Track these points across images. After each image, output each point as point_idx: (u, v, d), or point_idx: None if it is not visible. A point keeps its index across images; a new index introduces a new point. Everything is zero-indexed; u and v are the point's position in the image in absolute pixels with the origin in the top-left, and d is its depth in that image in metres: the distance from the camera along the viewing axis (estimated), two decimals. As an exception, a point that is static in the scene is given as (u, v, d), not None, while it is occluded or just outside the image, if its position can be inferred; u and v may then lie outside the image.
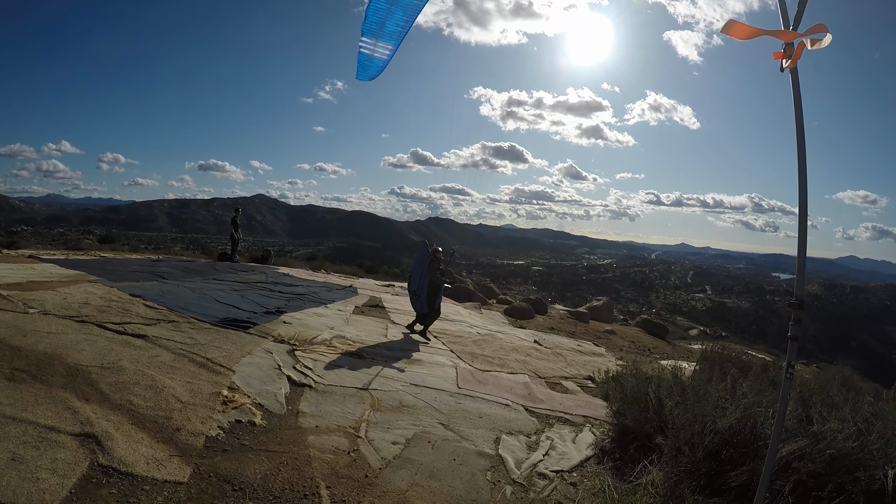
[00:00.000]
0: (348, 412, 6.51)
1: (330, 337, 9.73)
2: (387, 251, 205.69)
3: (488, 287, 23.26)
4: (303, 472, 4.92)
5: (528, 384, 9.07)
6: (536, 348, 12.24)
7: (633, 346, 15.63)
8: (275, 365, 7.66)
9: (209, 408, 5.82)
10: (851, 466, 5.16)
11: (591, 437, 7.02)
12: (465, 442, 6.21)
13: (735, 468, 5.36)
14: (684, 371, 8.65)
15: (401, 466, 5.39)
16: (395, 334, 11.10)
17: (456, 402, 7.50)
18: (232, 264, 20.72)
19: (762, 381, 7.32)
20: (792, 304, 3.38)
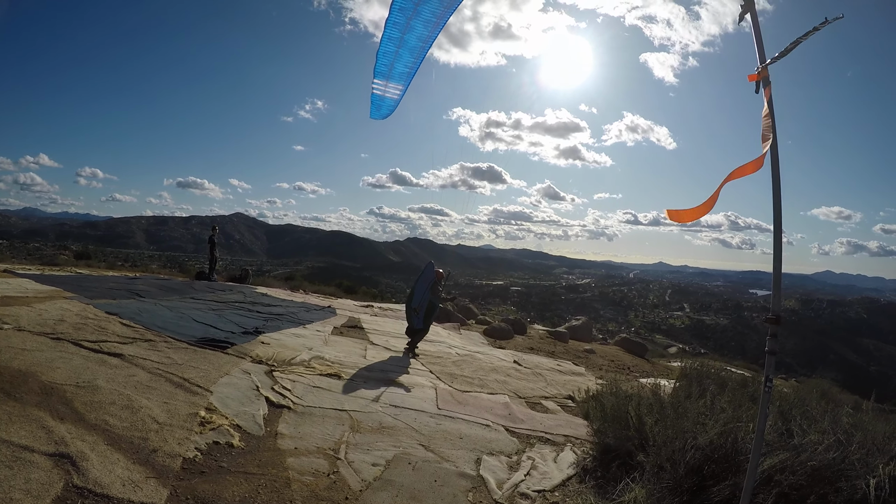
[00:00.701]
0: (328, 433, 6.43)
1: (308, 358, 9.64)
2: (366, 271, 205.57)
3: (467, 307, 23.25)
4: (282, 495, 4.84)
5: (508, 404, 9.04)
6: (516, 368, 12.22)
7: (613, 365, 15.67)
8: (253, 386, 7.57)
9: (186, 429, 5.73)
10: (833, 477, 5.19)
11: (573, 456, 6.98)
12: (445, 463, 6.16)
13: (717, 483, 5.36)
14: (664, 388, 8.68)
15: (381, 488, 5.32)
16: (374, 355, 11.02)
17: (436, 423, 7.45)
18: (210, 283, 20.61)
19: (741, 396, 7.36)
20: (769, 319, 3.40)
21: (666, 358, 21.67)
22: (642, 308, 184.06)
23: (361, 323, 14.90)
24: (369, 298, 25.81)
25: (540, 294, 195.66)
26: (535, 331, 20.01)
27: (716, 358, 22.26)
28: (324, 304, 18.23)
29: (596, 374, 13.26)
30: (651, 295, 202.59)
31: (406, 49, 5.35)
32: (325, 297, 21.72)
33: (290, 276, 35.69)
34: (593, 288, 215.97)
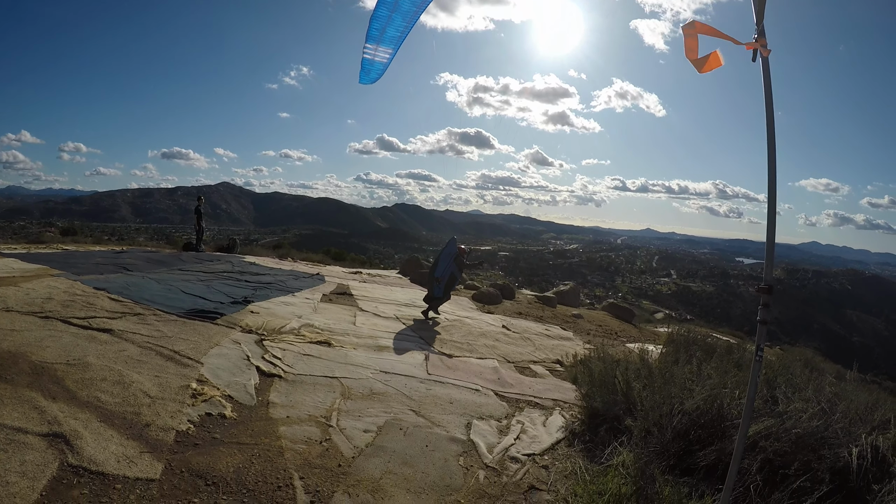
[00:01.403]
0: (319, 401, 6.47)
1: (298, 326, 9.66)
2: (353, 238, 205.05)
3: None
4: (275, 464, 4.88)
5: (497, 369, 9.11)
6: (505, 333, 12.28)
7: (601, 330, 15.74)
8: (243, 356, 7.58)
9: (178, 401, 5.75)
10: (816, 445, 5.28)
11: (562, 421, 7.06)
12: (436, 428, 6.23)
13: (703, 448, 5.45)
14: (651, 354, 8.76)
15: (374, 454, 5.38)
16: (363, 321, 11.06)
17: (426, 389, 7.52)
18: (197, 254, 20.51)
19: (727, 363, 7.44)
20: (761, 289, 3.42)
21: (653, 323, 21.80)
22: (629, 274, 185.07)
23: (350, 290, 14.89)
24: (357, 265, 25.78)
25: (528, 259, 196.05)
26: (524, 296, 20.07)
27: (702, 324, 22.45)
28: (312, 272, 18.19)
29: (584, 339, 13.33)
30: (638, 261, 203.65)
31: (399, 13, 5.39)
32: (314, 265, 21.68)
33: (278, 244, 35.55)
34: (581, 253, 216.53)
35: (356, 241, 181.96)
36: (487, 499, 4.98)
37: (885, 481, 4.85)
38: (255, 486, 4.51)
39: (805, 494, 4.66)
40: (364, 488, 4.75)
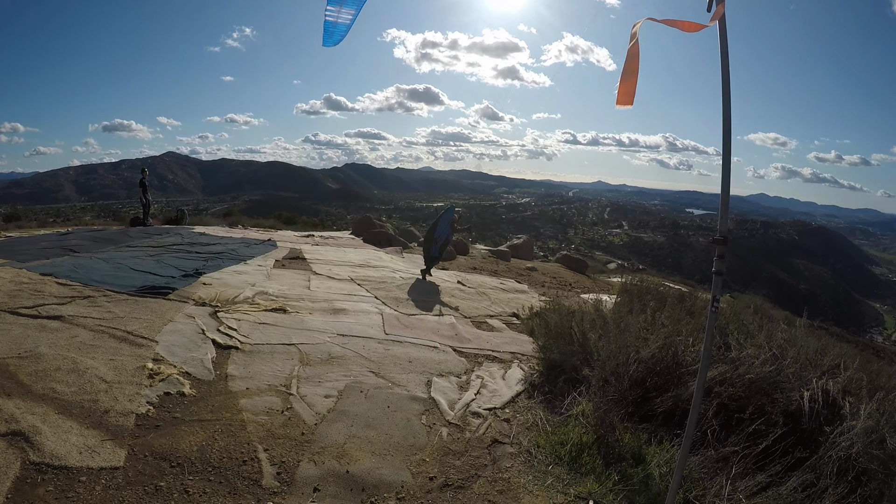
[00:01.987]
0: (278, 370, 6.40)
1: (252, 294, 9.52)
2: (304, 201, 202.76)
3: (409, 230, 23.23)
4: (239, 438, 4.83)
5: (454, 325, 9.15)
6: (460, 289, 12.32)
7: (555, 282, 15.87)
8: (198, 330, 7.43)
9: (136, 384, 5.60)
10: (769, 389, 5.43)
11: (520, 373, 7.12)
12: (397, 388, 6.23)
13: (660, 395, 5.57)
14: (605, 304, 8.86)
15: (336, 420, 5.36)
16: (318, 285, 10.96)
17: (385, 349, 7.50)
18: (145, 228, 19.97)
19: (680, 311, 7.57)
20: (716, 240, 3.43)
21: (606, 274, 22.10)
22: (582, 226, 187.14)
23: (303, 254, 14.72)
24: (310, 228, 25.54)
25: (481, 214, 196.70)
26: (478, 251, 20.11)
27: (654, 274, 22.78)
28: (264, 238, 17.93)
29: (539, 292, 13.44)
30: (590, 213, 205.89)
31: None
32: (265, 231, 21.38)
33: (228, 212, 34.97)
34: (533, 207, 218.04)
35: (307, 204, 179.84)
36: (452, 455, 5.02)
37: (836, 423, 5.00)
38: (220, 462, 4.45)
39: (760, 437, 4.79)
40: (329, 454, 4.73)
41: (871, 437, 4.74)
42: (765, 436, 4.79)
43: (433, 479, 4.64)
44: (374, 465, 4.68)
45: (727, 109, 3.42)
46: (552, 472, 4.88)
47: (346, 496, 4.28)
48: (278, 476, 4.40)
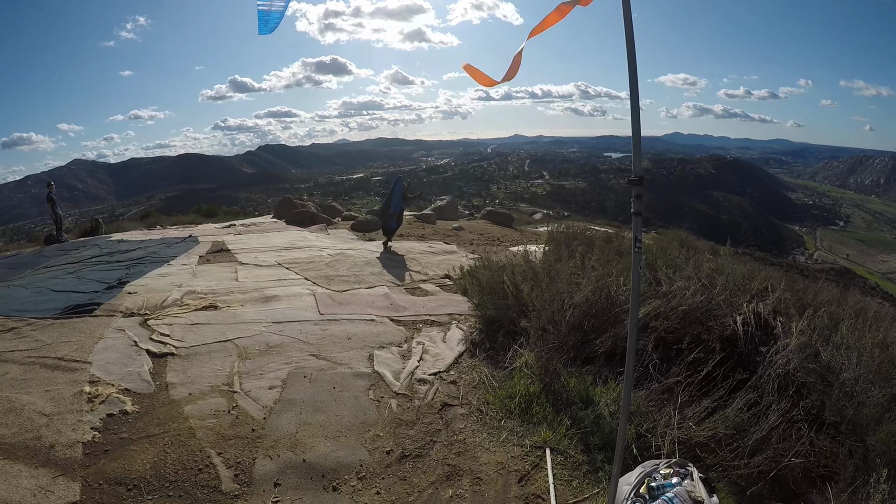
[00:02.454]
0: (218, 369, 6.23)
1: (180, 296, 9.22)
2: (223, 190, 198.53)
3: (331, 206, 23.01)
4: (190, 447, 4.69)
5: (388, 295, 9.13)
6: (389, 257, 12.27)
7: (483, 239, 15.98)
8: (130, 342, 7.11)
9: (76, 411, 5.33)
10: (703, 318, 5.58)
11: (460, 334, 7.17)
12: (340, 367, 6.18)
13: (599, 336, 5.66)
14: (535, 254, 8.93)
15: (284, 410, 5.28)
16: (245, 275, 10.71)
17: (322, 330, 7.41)
18: (61, 245, 19.04)
19: (608, 253, 7.69)
20: (632, 181, 3.46)
21: (532, 225, 22.32)
22: (504, 180, 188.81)
23: (227, 245, 14.40)
24: (231, 218, 24.99)
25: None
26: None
27: (579, 219, 23.17)
28: (184, 235, 17.44)
29: (468, 250, 13.52)
30: (511, 167, 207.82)
31: None
32: (185, 227, 20.77)
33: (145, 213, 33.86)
34: (453, 167, 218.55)
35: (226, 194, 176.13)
36: (405, 426, 5.02)
37: (771, 343, 5.17)
38: (176, 475, 4.33)
39: (700, 365, 4.93)
40: (283, 446, 4.66)
41: (806, 353, 4.92)
42: (705, 363, 4.92)
43: (390, 453, 4.63)
44: (330, 449, 4.64)
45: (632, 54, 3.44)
46: (505, 427, 4.94)
47: (308, 485, 4.24)
48: (236, 478, 4.32)
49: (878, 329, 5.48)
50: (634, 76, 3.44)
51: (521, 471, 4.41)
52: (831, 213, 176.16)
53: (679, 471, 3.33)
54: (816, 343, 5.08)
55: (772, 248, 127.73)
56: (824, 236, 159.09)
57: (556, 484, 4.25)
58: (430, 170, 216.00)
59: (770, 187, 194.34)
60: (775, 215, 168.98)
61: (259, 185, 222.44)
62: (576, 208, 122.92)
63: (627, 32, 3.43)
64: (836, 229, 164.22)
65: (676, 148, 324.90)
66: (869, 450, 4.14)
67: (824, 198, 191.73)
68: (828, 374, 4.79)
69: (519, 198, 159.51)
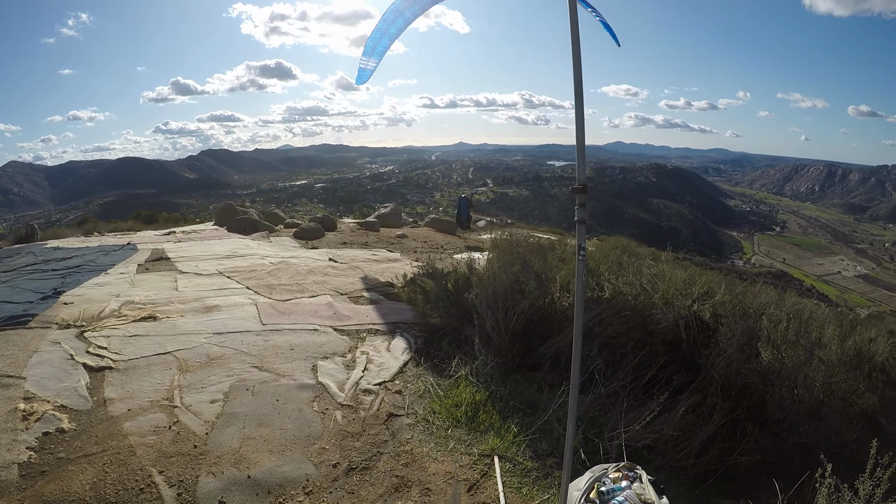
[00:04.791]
0: (157, 383, 6.01)
1: (118, 306, 8.94)
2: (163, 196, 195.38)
3: (274, 213, 22.72)
4: (130, 466, 4.51)
5: (331, 304, 9.00)
6: (332, 266, 12.15)
7: (427, 246, 15.96)
8: (66, 356, 6.80)
9: (10, 430, 5.10)
10: (646, 323, 5.68)
11: (404, 343, 7.11)
12: (283, 379, 6.06)
13: (543, 343, 5.71)
14: (479, 261, 8.96)
15: (227, 424, 5.14)
16: (185, 285, 10.41)
17: (264, 341, 7.27)
18: (-7, 253, 18.66)
19: (551, 259, 7.75)
20: (575, 189, 3.49)
21: (476, 232, 22.40)
22: (447, 188, 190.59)
23: (166, 253, 14.07)
24: (171, 224, 24.45)
25: (345, 187, 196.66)
26: (346, 225, 19.96)
27: (522, 226, 23.32)
28: (123, 243, 17.01)
29: (412, 258, 13.45)
30: (455, 174, 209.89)
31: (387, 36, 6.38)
32: (124, 234, 20.28)
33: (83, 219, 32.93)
34: (397, 174, 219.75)
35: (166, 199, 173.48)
36: (351, 438, 4.95)
37: (713, 345, 5.29)
38: (117, 496, 4.17)
39: (645, 368, 5.00)
40: (227, 462, 4.54)
41: (747, 354, 5.05)
42: (649, 366, 5.01)
43: (337, 466, 4.57)
44: (276, 464, 4.55)
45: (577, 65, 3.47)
46: (453, 436, 4.92)
47: (253, 502, 4.14)
48: (179, 497, 4.18)
49: (815, 329, 5.66)
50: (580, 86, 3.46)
51: (470, 480, 4.39)
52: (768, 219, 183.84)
53: (628, 474, 3.37)
54: (757, 344, 5.20)
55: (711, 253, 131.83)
56: (762, 241, 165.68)
57: (506, 491, 4.25)
58: (374, 177, 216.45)
59: (709, 195, 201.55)
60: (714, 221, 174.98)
61: (200, 190, 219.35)
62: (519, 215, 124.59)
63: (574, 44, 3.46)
64: (772, 234, 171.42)
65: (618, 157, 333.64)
66: (812, 444, 4.25)
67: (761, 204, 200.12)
68: (769, 373, 4.92)
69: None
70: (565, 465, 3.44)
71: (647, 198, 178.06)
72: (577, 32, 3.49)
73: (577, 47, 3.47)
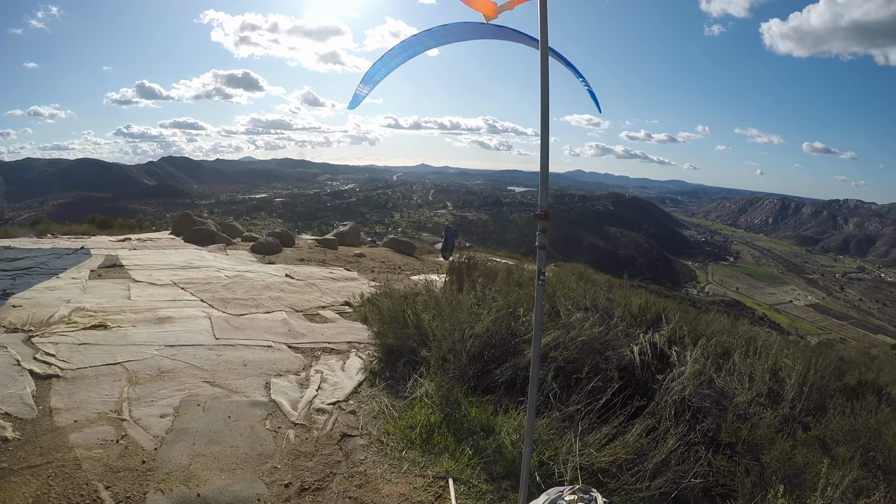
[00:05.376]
0: (106, 395, 5.85)
1: (68, 312, 8.75)
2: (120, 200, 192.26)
3: (231, 226, 22.50)
4: (76, 480, 4.35)
5: (286, 320, 8.93)
6: (289, 282, 12.06)
7: (384, 266, 15.96)
8: (12, 361, 6.60)
9: None
10: (601, 348, 5.76)
11: (359, 362, 7.08)
12: (235, 395, 5.96)
13: (499, 366, 5.73)
14: (436, 283, 8.98)
15: (177, 440, 5.01)
16: (139, 294, 10.25)
17: (217, 355, 7.16)
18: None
19: (509, 284, 7.80)
20: (537, 215, 3.52)
21: (434, 254, 22.43)
22: (407, 209, 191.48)
23: (121, 260, 13.83)
24: (127, 231, 24.03)
25: (305, 203, 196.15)
26: (304, 241, 19.87)
27: (480, 250, 23.43)
28: (76, 247, 16.63)
29: (369, 278, 13.43)
30: (415, 195, 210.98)
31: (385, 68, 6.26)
32: (78, 238, 19.82)
33: (37, 219, 32.09)
34: (358, 193, 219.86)
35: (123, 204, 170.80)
36: (303, 457, 4.88)
37: (667, 371, 5.39)
38: None
39: (599, 393, 5.05)
40: (176, 480, 4.41)
41: (701, 379, 5.15)
42: (604, 391, 5.06)
43: (289, 486, 4.49)
44: (226, 483, 4.45)
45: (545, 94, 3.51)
46: (407, 457, 4.89)
47: (203, 522, 4.08)
48: (126, 514, 4.09)
49: (767, 356, 5.80)
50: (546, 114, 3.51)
51: (425, 502, 4.36)
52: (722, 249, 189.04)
53: (583, 496, 3.38)
54: (710, 370, 5.33)
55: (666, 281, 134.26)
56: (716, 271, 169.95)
57: (461, 514, 4.24)
58: (335, 194, 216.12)
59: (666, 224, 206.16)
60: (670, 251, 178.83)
61: (159, 197, 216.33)
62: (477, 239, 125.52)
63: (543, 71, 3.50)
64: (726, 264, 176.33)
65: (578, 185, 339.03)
66: (764, 467, 4.36)
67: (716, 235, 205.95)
68: (722, 398, 5.03)
69: (422, 227, 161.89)
70: (522, 488, 3.45)
71: (605, 226, 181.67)
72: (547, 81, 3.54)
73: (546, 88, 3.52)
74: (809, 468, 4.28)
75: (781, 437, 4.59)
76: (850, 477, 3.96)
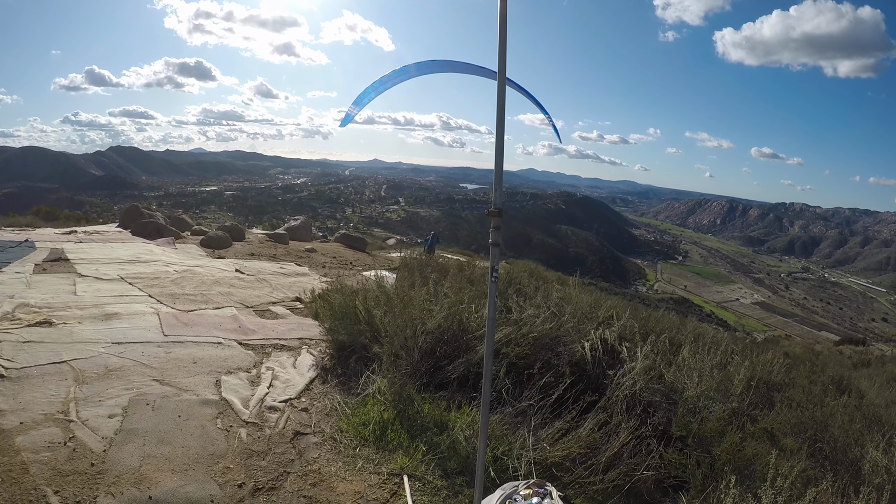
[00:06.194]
0: (52, 395, 5.67)
1: (11, 308, 8.49)
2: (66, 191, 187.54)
3: (181, 219, 22.13)
4: (23, 484, 4.20)
5: (236, 316, 8.82)
6: (239, 277, 11.92)
7: (336, 262, 15.87)
8: None
9: None
10: (553, 344, 5.83)
11: (311, 359, 7.03)
12: (185, 394, 5.85)
13: (451, 362, 5.75)
14: (388, 280, 8.97)
15: (126, 441, 4.88)
16: (85, 289, 9.97)
17: (166, 353, 7.02)
18: None
19: (461, 281, 7.85)
20: (491, 212, 3.54)
21: (386, 250, 22.42)
22: (359, 204, 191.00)
23: (66, 254, 13.50)
24: (73, 223, 23.43)
25: (256, 197, 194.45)
26: (255, 235, 19.64)
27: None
28: (20, 239, 16.17)
29: (320, 273, 13.37)
30: (367, 191, 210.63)
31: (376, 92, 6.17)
32: (21, 230, 19.27)
33: (-23, 212, 31.26)
34: (310, 187, 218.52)
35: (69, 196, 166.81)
36: (256, 456, 4.82)
37: (618, 366, 5.49)
38: None
39: (552, 388, 5.12)
40: (126, 482, 4.30)
41: (651, 375, 5.26)
42: (556, 387, 5.13)
43: (242, 486, 4.43)
44: (178, 484, 4.36)
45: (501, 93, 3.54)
46: (361, 455, 4.87)
47: (157, 525, 4.01)
48: (77, 519, 3.99)
49: (715, 352, 5.94)
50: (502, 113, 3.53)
51: (380, 499, 4.36)
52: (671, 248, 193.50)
53: (538, 491, 3.41)
54: (660, 365, 5.44)
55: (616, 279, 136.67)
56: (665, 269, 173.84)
57: (417, 511, 4.25)
58: (286, 188, 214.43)
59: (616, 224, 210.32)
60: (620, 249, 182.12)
61: (106, 189, 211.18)
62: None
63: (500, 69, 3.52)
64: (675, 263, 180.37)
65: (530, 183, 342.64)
66: (715, 459, 4.48)
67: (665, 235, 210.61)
68: (672, 393, 5.15)
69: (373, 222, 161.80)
70: (477, 483, 3.47)
71: (556, 224, 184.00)
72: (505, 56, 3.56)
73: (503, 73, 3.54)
74: (759, 459, 4.42)
75: (731, 430, 4.72)
76: (798, 467, 4.11)
